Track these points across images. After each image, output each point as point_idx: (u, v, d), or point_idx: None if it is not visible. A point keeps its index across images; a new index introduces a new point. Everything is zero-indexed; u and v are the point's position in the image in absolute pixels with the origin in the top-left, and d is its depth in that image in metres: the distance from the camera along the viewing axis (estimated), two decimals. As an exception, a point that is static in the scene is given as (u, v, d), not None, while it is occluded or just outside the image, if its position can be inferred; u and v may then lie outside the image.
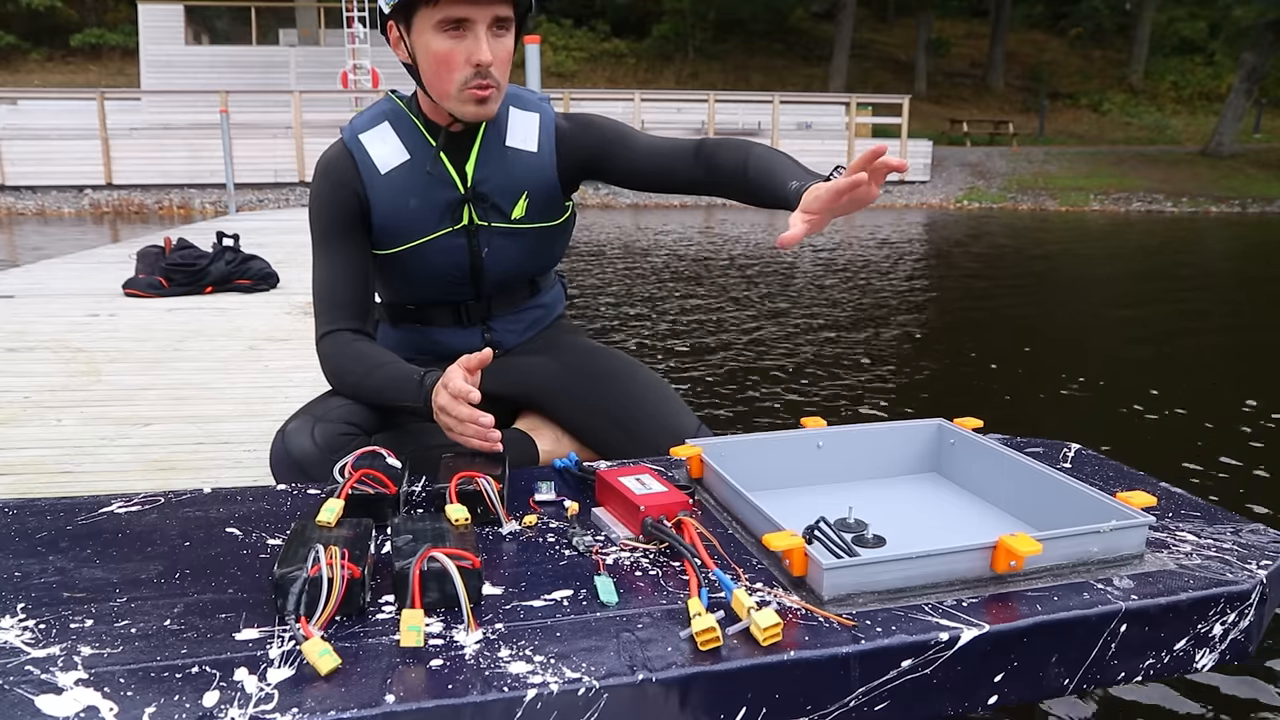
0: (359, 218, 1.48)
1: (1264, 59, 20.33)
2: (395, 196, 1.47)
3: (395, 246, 1.51)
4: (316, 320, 1.50)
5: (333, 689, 0.78)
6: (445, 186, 1.49)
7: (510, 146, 1.51)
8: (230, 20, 19.16)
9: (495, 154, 1.50)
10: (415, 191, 1.48)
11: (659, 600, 0.94)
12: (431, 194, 1.48)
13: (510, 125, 1.52)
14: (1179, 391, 4.28)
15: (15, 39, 23.79)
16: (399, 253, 1.51)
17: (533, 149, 1.52)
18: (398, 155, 1.48)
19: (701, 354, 4.93)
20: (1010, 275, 8.71)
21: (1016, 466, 1.22)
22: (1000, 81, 27.44)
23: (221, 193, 13.61)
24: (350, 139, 1.49)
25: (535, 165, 1.52)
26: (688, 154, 1.53)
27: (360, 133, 1.49)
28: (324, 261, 1.49)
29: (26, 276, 5.26)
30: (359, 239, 1.49)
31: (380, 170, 1.47)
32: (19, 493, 1.86)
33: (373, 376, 1.42)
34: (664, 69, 26.23)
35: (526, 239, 1.56)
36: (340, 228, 1.48)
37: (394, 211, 1.48)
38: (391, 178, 1.47)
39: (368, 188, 1.47)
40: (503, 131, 1.51)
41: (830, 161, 1.48)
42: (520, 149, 1.52)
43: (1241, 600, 0.99)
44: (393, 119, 1.50)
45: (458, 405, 1.25)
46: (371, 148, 1.48)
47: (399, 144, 1.48)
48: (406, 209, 1.48)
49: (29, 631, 0.87)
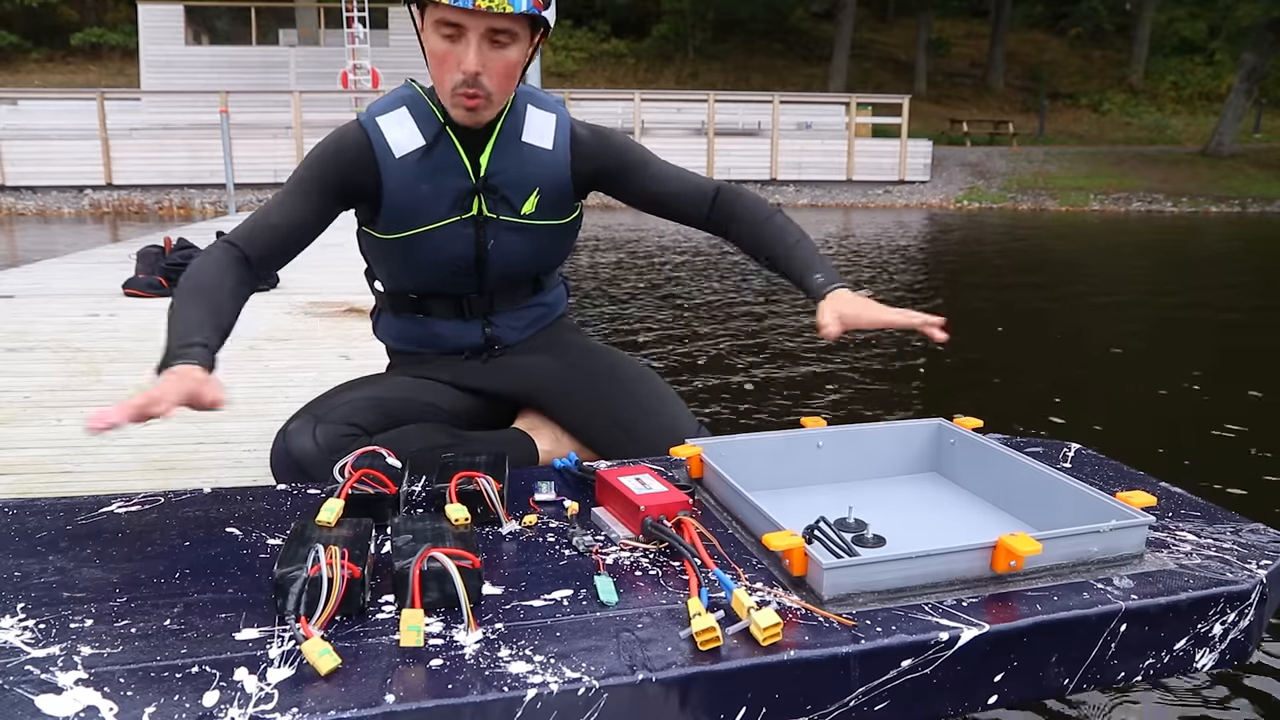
0: (348, 193, 1.47)
1: (1264, 59, 20.33)
2: (408, 180, 1.47)
3: (403, 231, 1.50)
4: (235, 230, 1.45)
5: (333, 689, 0.78)
6: (458, 175, 1.49)
7: (526, 142, 1.52)
8: (230, 20, 19.15)
9: (511, 148, 1.51)
10: (428, 177, 1.48)
11: (659, 600, 0.94)
12: (444, 181, 1.48)
13: (527, 121, 1.52)
14: (1179, 391, 4.28)
15: (15, 38, 23.80)
16: (406, 237, 1.51)
17: (548, 147, 1.53)
18: (414, 140, 1.48)
19: (702, 354, 4.93)
20: (1010, 275, 8.71)
21: (1016, 466, 1.22)
22: (1000, 81, 27.44)
23: (221, 193, 13.61)
24: (367, 120, 1.49)
25: (549, 163, 1.53)
26: (704, 198, 1.60)
27: (378, 115, 1.49)
28: (282, 197, 1.46)
29: (26, 276, 5.26)
30: (323, 207, 1.46)
31: (395, 154, 1.47)
32: (19, 493, 1.86)
33: (182, 306, 1.32)
34: (664, 69, 26.22)
35: (533, 235, 1.56)
36: (317, 185, 1.46)
37: (406, 195, 1.48)
38: (406, 162, 1.47)
39: (382, 169, 1.47)
40: (519, 127, 1.52)
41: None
42: (536, 145, 1.52)
43: (1241, 600, 0.99)
44: (411, 105, 1.50)
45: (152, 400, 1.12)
46: (389, 131, 1.48)
47: (415, 130, 1.48)
48: (418, 193, 1.48)
49: (29, 631, 0.87)
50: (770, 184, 17.65)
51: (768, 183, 17.66)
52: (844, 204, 17.22)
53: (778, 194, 17.46)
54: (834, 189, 17.69)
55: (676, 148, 17.55)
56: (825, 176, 17.77)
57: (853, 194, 17.63)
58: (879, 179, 17.94)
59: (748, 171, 17.59)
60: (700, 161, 17.52)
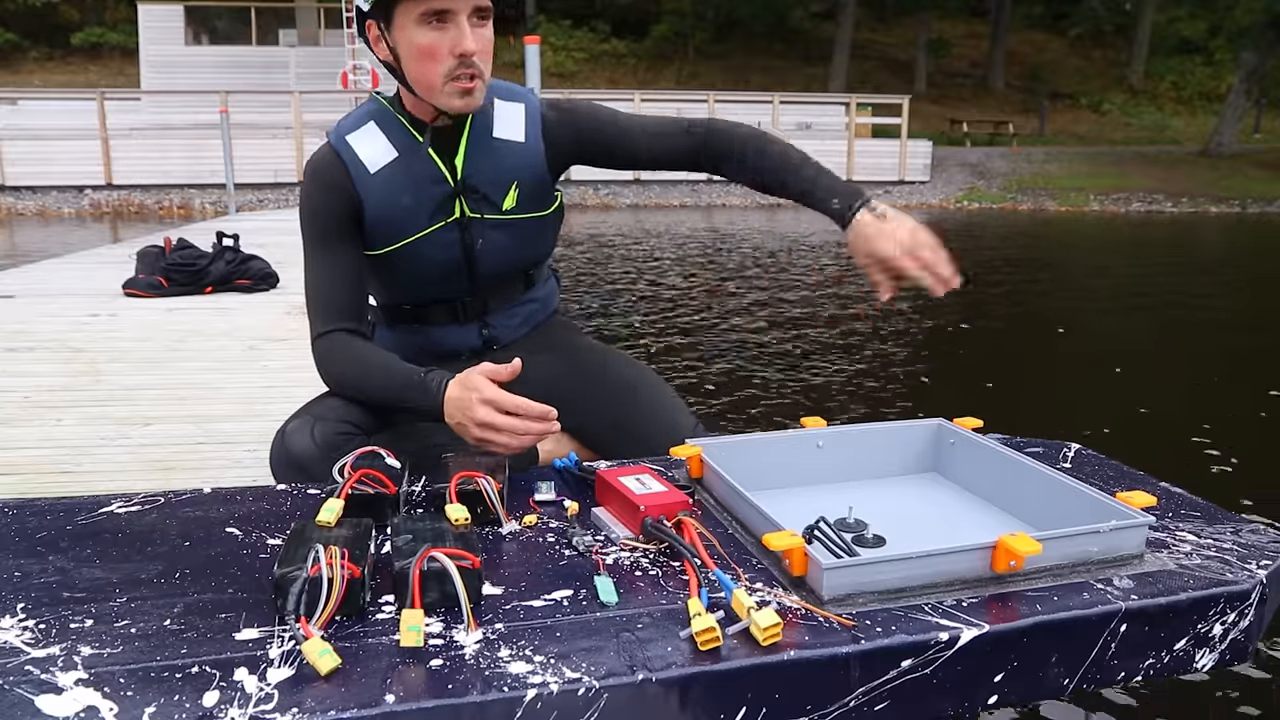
0: (350, 219, 1.48)
1: (1264, 59, 20.33)
2: (387, 195, 1.47)
3: (389, 246, 1.50)
4: (311, 323, 1.49)
5: (333, 689, 0.78)
6: (436, 181, 1.49)
7: (498, 138, 1.51)
8: (230, 20, 19.16)
9: (484, 146, 1.50)
10: (406, 188, 1.48)
11: (659, 600, 0.94)
12: (423, 190, 1.48)
13: (496, 117, 1.52)
14: (1179, 391, 4.28)
15: (15, 38, 23.80)
16: (392, 252, 1.51)
17: (520, 139, 1.53)
18: (386, 154, 1.47)
19: (701, 354, 4.93)
20: (1010, 275, 8.71)
21: (1016, 466, 1.22)
22: (1000, 81, 27.44)
23: (221, 193, 13.61)
24: (337, 141, 1.49)
25: (523, 155, 1.53)
26: (686, 143, 1.57)
27: (347, 134, 1.49)
28: (316, 263, 1.49)
29: (26, 276, 5.26)
30: (350, 240, 1.48)
31: (370, 170, 1.47)
32: (19, 493, 1.86)
33: (372, 380, 1.42)
34: (664, 69, 26.23)
35: (518, 230, 1.56)
36: (332, 229, 1.47)
37: (387, 210, 1.48)
38: (382, 176, 1.47)
39: (359, 187, 1.47)
40: (489, 123, 1.51)
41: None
42: (508, 139, 1.52)
43: (1241, 600, 0.99)
44: (379, 119, 1.50)
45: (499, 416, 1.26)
46: (359, 148, 1.47)
47: (386, 143, 1.48)
48: (399, 206, 1.48)
49: (29, 631, 0.87)
50: (770, 184, 17.63)
51: (768, 183, 17.64)
52: (844, 204, 17.19)
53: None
54: (834, 189, 17.67)
55: (676, 148, 17.55)
56: (825, 177, 17.76)
57: (853, 194, 17.61)
58: (879, 179, 17.94)
59: (748, 171, 17.57)
60: (700, 162, 17.49)
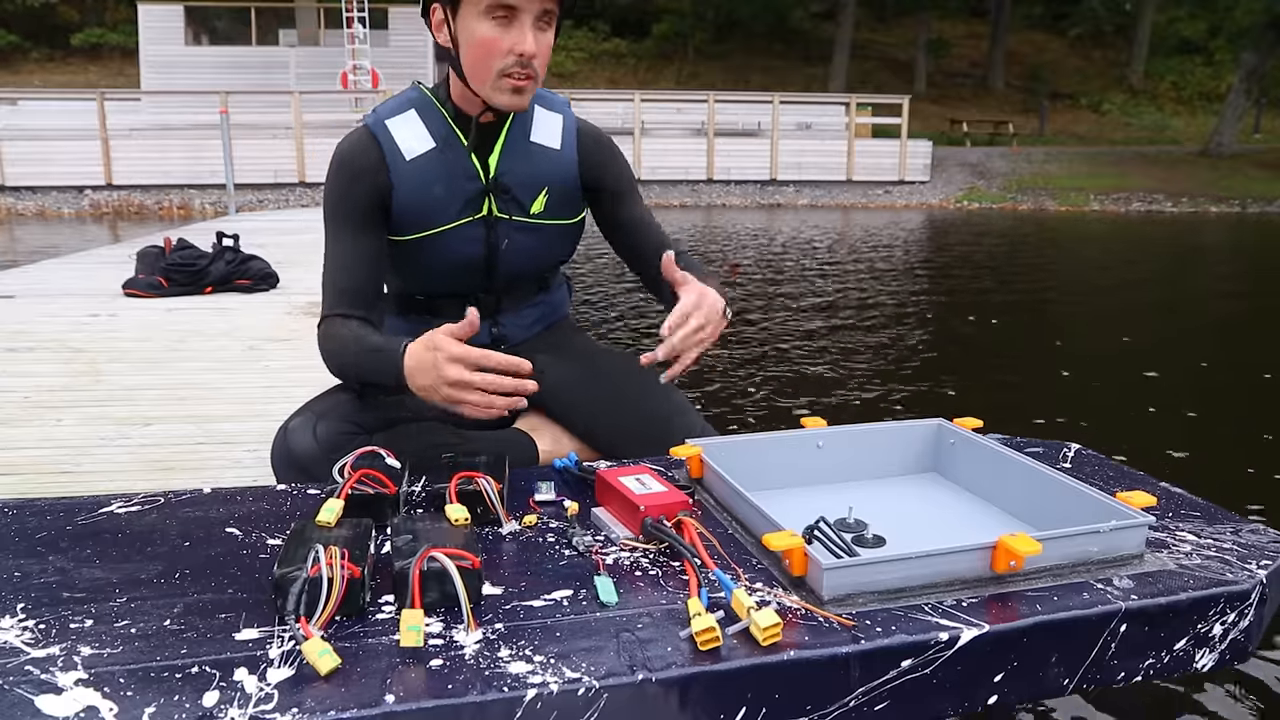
0: (377, 205, 1.47)
1: (1264, 59, 20.34)
2: (420, 183, 1.47)
3: (414, 233, 1.50)
4: (323, 304, 1.49)
5: (332, 689, 0.78)
6: (469, 177, 1.49)
7: (534, 142, 1.52)
8: (230, 21, 19.16)
9: (519, 148, 1.51)
10: (440, 179, 1.48)
11: (659, 600, 0.94)
12: (455, 183, 1.49)
13: (535, 122, 1.53)
14: (1179, 391, 4.28)
15: (15, 39, 23.80)
16: (417, 240, 1.51)
17: (556, 146, 1.54)
18: (424, 143, 1.48)
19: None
20: (1010, 275, 8.71)
21: (1016, 466, 1.22)
22: (1000, 81, 27.45)
23: (221, 193, 13.61)
24: (375, 124, 1.48)
25: (557, 162, 1.54)
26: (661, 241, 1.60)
27: (386, 118, 1.49)
28: (336, 246, 1.48)
29: (26, 276, 5.26)
30: (372, 228, 1.48)
31: (406, 157, 1.47)
32: (19, 493, 1.86)
33: (347, 355, 1.41)
34: (664, 69, 26.24)
35: (542, 235, 1.57)
36: (356, 215, 1.47)
37: (417, 198, 1.48)
38: (417, 164, 1.47)
39: (392, 173, 1.46)
40: (528, 127, 1.52)
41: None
42: (544, 145, 1.53)
43: (1241, 600, 0.99)
44: (420, 107, 1.50)
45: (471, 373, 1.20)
46: (398, 134, 1.47)
47: (425, 132, 1.48)
48: (430, 196, 1.48)
49: (29, 631, 0.87)
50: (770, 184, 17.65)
51: (768, 183, 17.65)
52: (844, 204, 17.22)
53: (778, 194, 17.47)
54: (834, 189, 17.69)
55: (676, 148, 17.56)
56: (825, 177, 17.77)
57: (853, 194, 17.63)
58: (879, 179, 17.95)
59: (747, 172, 17.59)
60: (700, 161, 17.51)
